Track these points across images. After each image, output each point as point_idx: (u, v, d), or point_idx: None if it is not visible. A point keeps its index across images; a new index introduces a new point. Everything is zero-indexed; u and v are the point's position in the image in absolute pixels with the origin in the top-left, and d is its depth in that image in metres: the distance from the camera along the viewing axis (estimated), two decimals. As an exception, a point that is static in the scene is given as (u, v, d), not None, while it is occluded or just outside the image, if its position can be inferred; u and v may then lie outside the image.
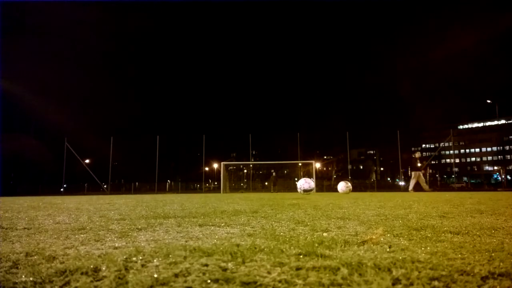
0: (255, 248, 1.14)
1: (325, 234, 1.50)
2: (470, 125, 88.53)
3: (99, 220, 2.31)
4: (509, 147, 79.42)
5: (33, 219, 2.44)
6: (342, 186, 11.98)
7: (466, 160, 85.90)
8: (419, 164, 13.45)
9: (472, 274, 0.81)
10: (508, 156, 76.97)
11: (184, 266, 0.91)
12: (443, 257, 0.99)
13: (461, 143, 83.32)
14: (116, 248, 1.21)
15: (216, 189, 33.78)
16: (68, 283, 0.78)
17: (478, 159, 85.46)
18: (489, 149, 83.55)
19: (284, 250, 1.10)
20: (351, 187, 12.10)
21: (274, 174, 23.77)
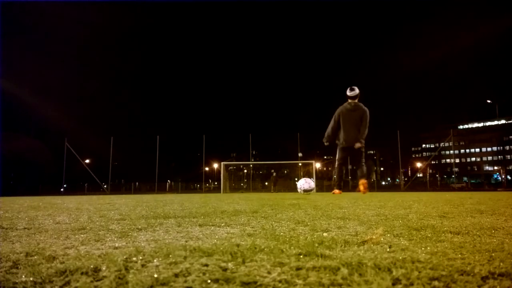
0: (255, 248, 1.14)
1: (325, 234, 1.50)
2: (470, 125, 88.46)
3: (99, 220, 2.31)
4: (509, 147, 79.34)
5: (33, 219, 2.44)
6: (303, 184, 10.27)
7: (466, 160, 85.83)
8: None
9: (472, 274, 0.81)
10: (508, 156, 76.89)
11: (184, 266, 0.91)
12: (443, 257, 0.99)
13: (461, 143, 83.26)
14: (116, 248, 1.21)
15: (216, 189, 33.78)
16: (68, 283, 0.78)
17: (478, 159, 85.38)
18: (489, 149, 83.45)
19: (284, 250, 1.10)
20: (313, 186, 10.63)
21: (274, 174, 23.78)
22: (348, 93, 5.65)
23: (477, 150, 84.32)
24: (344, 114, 5.50)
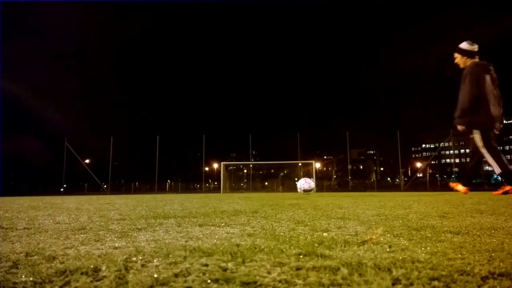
0: (255, 248, 1.14)
1: (325, 234, 1.50)
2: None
3: (99, 220, 2.31)
4: (509, 147, 79.33)
5: (33, 219, 2.44)
6: (303, 184, 10.25)
7: (466, 160, 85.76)
8: None
9: (472, 274, 0.81)
10: (508, 156, 76.88)
11: (184, 266, 0.91)
12: (443, 257, 0.99)
13: (461, 143, 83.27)
14: (116, 248, 1.21)
15: (216, 189, 33.80)
16: (68, 283, 0.78)
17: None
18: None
19: (284, 250, 1.10)
20: (313, 186, 10.54)
21: (282, 174, 23.93)
22: (470, 47, 3.80)
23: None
24: (485, 79, 3.61)
